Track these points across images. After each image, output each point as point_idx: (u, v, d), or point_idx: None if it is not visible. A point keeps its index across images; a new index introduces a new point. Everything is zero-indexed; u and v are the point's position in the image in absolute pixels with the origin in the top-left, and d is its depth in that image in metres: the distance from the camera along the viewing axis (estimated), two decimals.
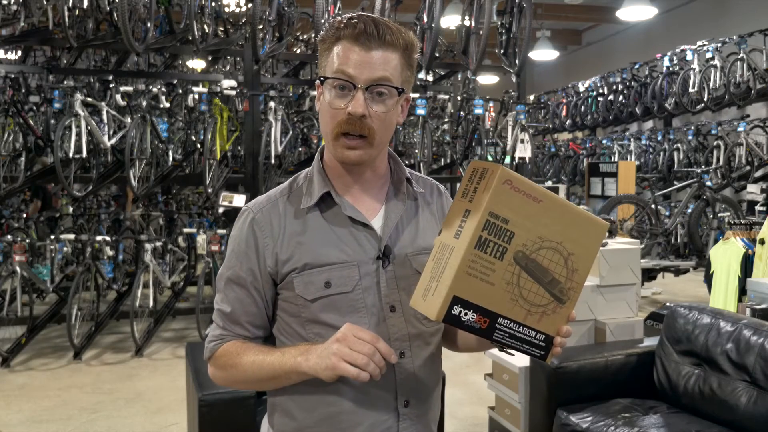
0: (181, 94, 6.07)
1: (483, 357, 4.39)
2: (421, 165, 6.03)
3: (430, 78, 7.36)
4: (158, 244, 5.45)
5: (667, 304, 3.61)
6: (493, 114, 6.90)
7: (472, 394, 4.15)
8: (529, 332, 1.07)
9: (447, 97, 8.23)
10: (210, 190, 5.58)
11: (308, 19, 6.67)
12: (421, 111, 5.95)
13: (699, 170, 6.62)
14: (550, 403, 2.71)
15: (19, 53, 7.31)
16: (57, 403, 4.04)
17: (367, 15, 1.14)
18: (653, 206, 6.45)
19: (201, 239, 5.34)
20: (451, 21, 8.05)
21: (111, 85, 5.52)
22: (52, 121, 5.66)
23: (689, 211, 6.57)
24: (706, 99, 8.09)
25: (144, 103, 5.37)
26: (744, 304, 3.39)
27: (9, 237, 5.09)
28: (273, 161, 5.69)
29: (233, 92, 5.67)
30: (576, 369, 2.73)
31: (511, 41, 6.39)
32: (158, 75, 6.69)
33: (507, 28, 6.42)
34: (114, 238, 5.42)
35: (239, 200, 5.30)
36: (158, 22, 5.76)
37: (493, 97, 6.81)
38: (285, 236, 1.20)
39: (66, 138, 5.08)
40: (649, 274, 6.59)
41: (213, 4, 5.93)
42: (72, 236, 5.31)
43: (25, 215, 6.62)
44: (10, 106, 5.31)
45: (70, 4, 5.12)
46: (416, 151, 6.23)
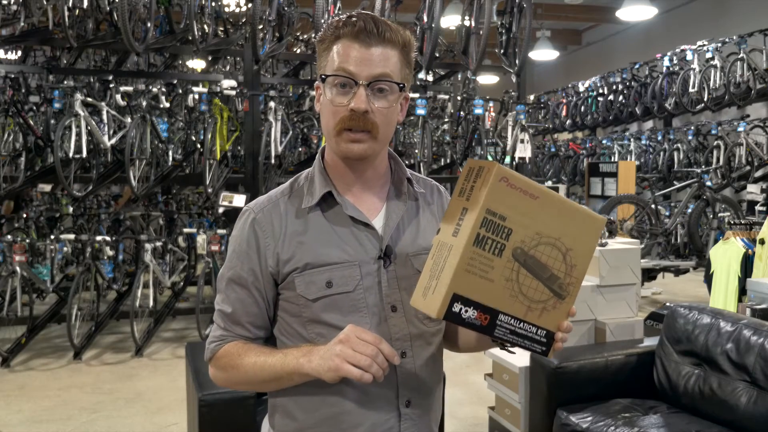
0: (181, 94, 6.06)
1: (483, 357, 4.39)
2: (421, 165, 6.03)
3: (430, 78, 7.36)
4: (158, 244, 5.45)
5: (667, 304, 3.61)
6: (493, 114, 6.90)
7: (472, 394, 4.15)
8: (529, 328, 1.08)
9: (447, 97, 8.23)
10: (210, 190, 5.58)
11: (308, 19, 6.66)
12: (421, 111, 5.95)
13: (699, 170, 6.62)
14: (550, 403, 2.71)
15: (19, 53, 7.30)
16: (57, 403, 4.04)
17: (366, 13, 1.15)
18: (653, 206, 6.45)
19: (201, 239, 5.34)
20: (451, 21, 8.05)
21: (111, 85, 5.52)
22: (52, 121, 5.65)
23: (689, 211, 6.56)
24: (706, 99, 8.09)
25: (144, 103, 5.37)
26: (744, 304, 3.39)
27: (9, 237, 5.09)
28: (273, 161, 5.69)
29: (233, 92, 5.67)
30: (576, 369, 2.73)
31: (511, 41, 6.39)
32: (158, 75, 6.69)
33: (507, 28, 6.41)
34: (114, 238, 5.42)
35: (239, 200, 5.30)
36: (158, 22, 5.76)
37: (493, 97, 6.81)
38: (286, 236, 1.20)
39: (66, 138, 5.07)
40: (649, 274, 6.59)
41: (213, 4, 5.93)
42: (72, 236, 5.31)
43: (24, 216, 6.63)
44: (10, 106, 5.31)
45: (70, 4, 5.11)
46: (416, 151, 6.23)
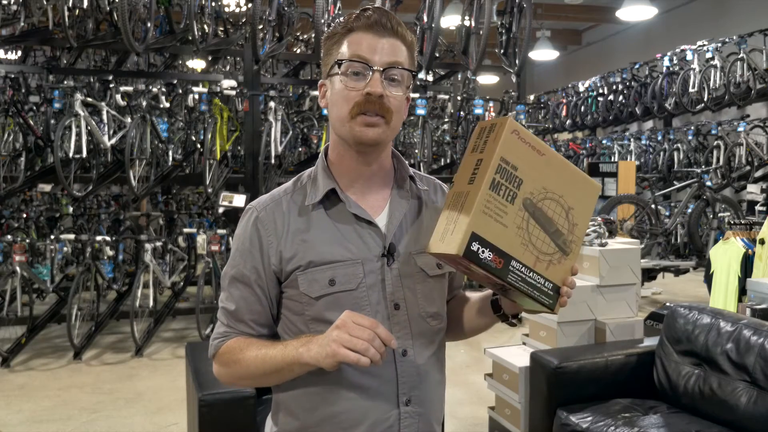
0: (181, 94, 6.07)
1: (483, 357, 4.39)
2: (421, 165, 6.03)
3: (430, 78, 7.36)
4: (158, 244, 5.45)
5: (667, 304, 3.61)
6: (493, 114, 6.90)
7: (472, 394, 4.15)
8: (538, 279, 1.12)
9: (447, 97, 8.23)
10: (210, 190, 5.58)
11: (308, 19, 6.67)
12: (421, 111, 5.95)
13: (699, 170, 6.62)
14: (550, 403, 2.71)
15: (19, 53, 7.31)
16: (57, 403, 4.04)
17: (378, 7, 1.19)
18: (653, 206, 6.45)
19: (201, 239, 5.34)
20: (451, 21, 8.05)
21: (111, 85, 5.52)
22: (52, 121, 5.66)
23: (689, 211, 6.56)
24: (706, 99, 8.09)
25: (144, 103, 5.37)
26: (744, 304, 3.39)
27: (9, 237, 5.09)
28: (273, 161, 5.69)
29: (233, 92, 5.67)
30: (576, 369, 2.73)
31: (511, 41, 6.39)
32: (158, 75, 6.69)
33: (507, 28, 6.42)
34: (114, 238, 5.42)
35: (239, 200, 5.30)
36: (158, 22, 5.76)
37: (493, 97, 6.82)
38: (289, 234, 1.21)
39: (66, 138, 5.07)
40: (649, 274, 6.59)
41: (213, 4, 5.93)
42: (72, 236, 5.31)
43: (24, 215, 6.63)
44: (10, 106, 5.31)
45: (70, 4, 5.12)
46: (416, 151, 6.24)
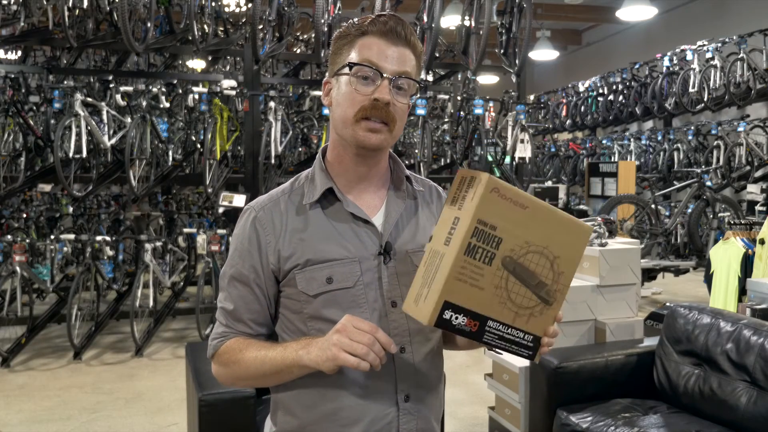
0: (181, 94, 6.07)
1: (483, 357, 4.39)
2: (421, 165, 6.02)
3: (430, 78, 7.36)
4: (158, 244, 5.45)
5: (667, 304, 3.61)
6: (493, 114, 6.90)
7: (472, 394, 4.15)
8: (517, 333, 1.11)
9: (447, 97, 8.23)
10: (210, 190, 5.58)
11: (308, 19, 6.66)
12: (421, 111, 5.95)
13: (699, 170, 6.62)
14: (550, 403, 2.71)
15: (19, 53, 7.30)
16: (57, 403, 4.04)
17: (394, 14, 1.21)
18: (653, 206, 6.45)
19: (201, 239, 5.34)
20: (451, 21, 8.04)
21: (111, 85, 5.52)
22: (52, 121, 5.65)
23: (689, 211, 6.56)
24: (706, 99, 8.09)
25: (144, 103, 5.37)
26: (744, 304, 3.39)
27: (9, 237, 5.09)
28: (273, 161, 5.69)
29: (233, 92, 5.67)
30: (576, 369, 2.73)
31: (511, 41, 6.39)
32: (158, 75, 6.69)
33: (507, 28, 6.41)
34: (114, 238, 5.42)
35: (239, 200, 5.30)
36: (158, 22, 5.76)
37: (493, 97, 6.81)
38: (287, 233, 1.22)
39: (66, 138, 5.07)
40: (649, 274, 6.59)
41: (213, 4, 5.92)
42: (72, 236, 5.31)
43: (24, 215, 6.63)
44: (10, 106, 5.30)
45: (70, 4, 5.11)
46: (416, 151, 6.23)
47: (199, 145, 6.11)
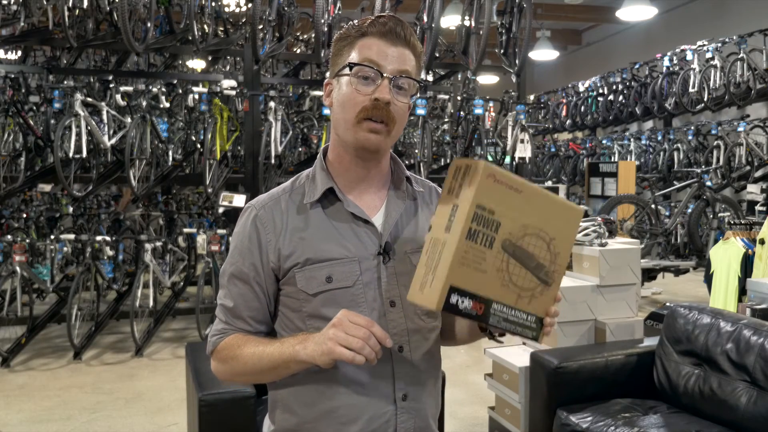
0: (181, 94, 6.06)
1: (483, 357, 4.39)
2: (421, 165, 6.02)
3: (430, 78, 7.36)
4: (158, 244, 5.44)
5: (667, 304, 3.61)
6: (493, 114, 6.90)
7: (472, 394, 4.15)
8: (521, 315, 1.14)
9: (447, 97, 8.22)
10: (210, 190, 5.58)
11: (308, 19, 6.67)
12: (421, 111, 5.94)
13: (699, 170, 6.62)
14: (550, 403, 2.71)
15: (19, 53, 7.30)
16: (57, 403, 4.04)
17: (393, 16, 1.22)
18: (653, 206, 6.45)
19: (201, 239, 5.34)
20: (451, 21, 8.04)
21: (111, 85, 5.52)
22: (52, 121, 5.65)
23: (689, 211, 6.56)
24: (706, 99, 8.09)
25: (144, 103, 5.36)
26: (744, 304, 3.39)
27: (9, 237, 5.09)
28: (273, 161, 5.69)
29: (233, 92, 5.66)
30: (576, 369, 2.73)
31: (511, 41, 6.39)
32: (158, 75, 6.69)
33: (507, 28, 6.41)
34: (114, 238, 5.41)
35: (239, 200, 5.30)
36: (158, 22, 5.76)
37: (493, 97, 6.81)
38: (287, 232, 1.23)
39: (66, 138, 5.07)
40: (649, 274, 6.59)
41: (213, 4, 5.93)
42: (72, 236, 5.31)
43: (24, 215, 6.63)
44: (10, 106, 5.30)
45: (70, 4, 5.11)
46: (416, 151, 6.23)
47: (199, 145, 6.11)
